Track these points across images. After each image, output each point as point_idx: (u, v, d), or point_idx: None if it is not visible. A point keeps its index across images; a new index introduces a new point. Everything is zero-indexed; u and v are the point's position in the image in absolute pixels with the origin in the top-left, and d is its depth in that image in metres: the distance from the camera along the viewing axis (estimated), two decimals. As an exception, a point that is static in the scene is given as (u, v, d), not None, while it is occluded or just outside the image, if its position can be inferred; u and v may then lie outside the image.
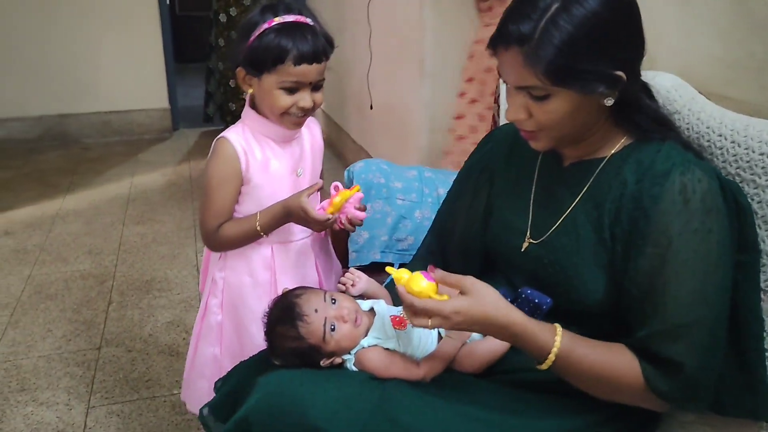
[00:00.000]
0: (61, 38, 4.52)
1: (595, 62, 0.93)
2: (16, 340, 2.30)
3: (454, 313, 0.95)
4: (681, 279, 0.94)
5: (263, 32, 1.27)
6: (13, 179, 3.97)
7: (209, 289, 1.49)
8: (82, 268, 2.84)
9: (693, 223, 0.94)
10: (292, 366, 1.08)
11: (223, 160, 1.35)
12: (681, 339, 0.94)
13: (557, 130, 1.01)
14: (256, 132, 1.38)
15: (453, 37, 2.63)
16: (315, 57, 1.28)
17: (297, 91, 1.30)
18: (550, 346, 0.97)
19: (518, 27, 0.93)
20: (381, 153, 3.40)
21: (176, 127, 5.06)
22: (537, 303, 1.07)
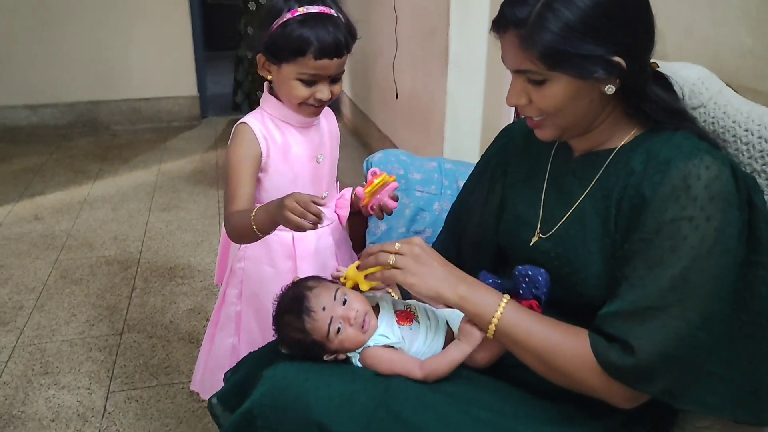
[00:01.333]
0: (92, 27, 4.57)
1: (591, 47, 0.91)
2: (41, 323, 2.34)
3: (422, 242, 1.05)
4: (665, 264, 0.90)
5: (286, 22, 1.26)
6: (44, 165, 4.04)
7: (227, 279, 1.49)
8: (108, 254, 2.88)
9: (690, 209, 0.89)
10: (297, 355, 1.08)
11: (243, 144, 1.34)
12: (646, 321, 0.90)
13: (560, 117, 1.00)
14: (275, 118, 1.37)
15: (478, 27, 2.59)
16: (336, 52, 1.27)
17: (315, 83, 1.30)
18: (495, 307, 0.99)
19: (514, 11, 0.94)
20: (405, 142, 3.37)
21: (204, 115, 5.09)
22: (531, 276, 1.05)
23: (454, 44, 2.64)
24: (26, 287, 2.59)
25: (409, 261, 1.03)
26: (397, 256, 1.03)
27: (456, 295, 1.01)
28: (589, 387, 0.95)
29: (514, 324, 0.98)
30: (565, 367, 0.96)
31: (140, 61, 4.76)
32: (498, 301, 1.00)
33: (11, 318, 2.37)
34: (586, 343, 0.94)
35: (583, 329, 0.96)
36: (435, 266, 1.03)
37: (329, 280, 1.16)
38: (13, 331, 2.29)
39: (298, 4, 1.27)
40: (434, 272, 1.03)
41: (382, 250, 1.05)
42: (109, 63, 4.69)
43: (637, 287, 0.91)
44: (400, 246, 1.04)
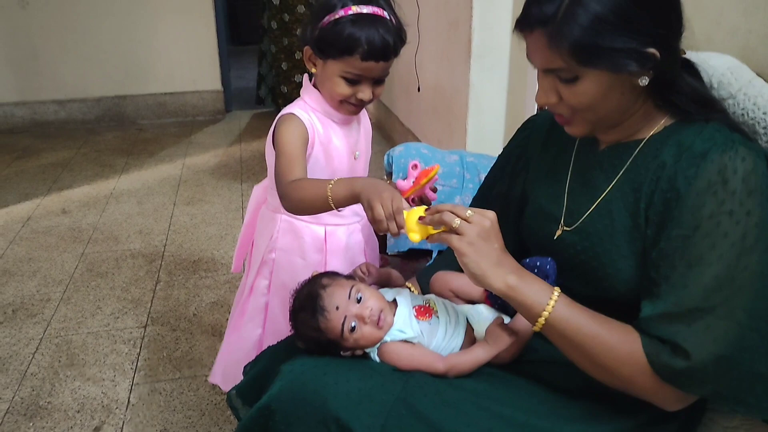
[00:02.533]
0: (119, 23, 4.62)
1: (623, 40, 0.88)
2: (68, 316, 2.37)
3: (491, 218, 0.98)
4: (706, 263, 0.87)
5: (338, 19, 1.25)
6: (72, 159, 4.10)
7: (258, 269, 1.49)
8: (133, 248, 2.91)
9: (729, 204, 0.86)
10: (314, 351, 1.07)
11: (292, 129, 1.33)
12: (695, 323, 0.86)
13: (591, 112, 0.96)
14: (316, 111, 1.38)
15: (502, 19, 2.56)
16: (383, 55, 1.26)
17: (358, 83, 1.30)
18: (546, 299, 0.94)
19: (541, 8, 0.90)
20: (428, 136, 3.35)
21: (229, 109, 5.12)
22: (539, 266, 1.04)
23: (477, 36, 2.61)
24: (53, 280, 2.63)
25: (474, 232, 0.95)
26: (463, 223, 0.96)
27: (504, 283, 0.95)
28: (636, 387, 0.92)
29: (565, 319, 0.94)
30: (613, 367, 0.92)
31: (166, 56, 4.80)
32: (549, 294, 0.95)
33: (39, 310, 2.41)
34: (638, 344, 0.91)
35: (633, 329, 0.92)
36: (494, 248, 0.96)
37: (345, 276, 1.15)
38: (40, 323, 2.32)
39: (353, 2, 1.26)
40: (490, 254, 0.96)
41: (452, 211, 0.97)
42: (135, 58, 4.74)
43: (679, 287, 0.88)
44: (472, 214, 0.97)
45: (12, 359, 2.13)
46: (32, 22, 4.47)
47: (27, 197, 3.48)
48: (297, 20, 4.72)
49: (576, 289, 1.05)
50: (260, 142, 4.36)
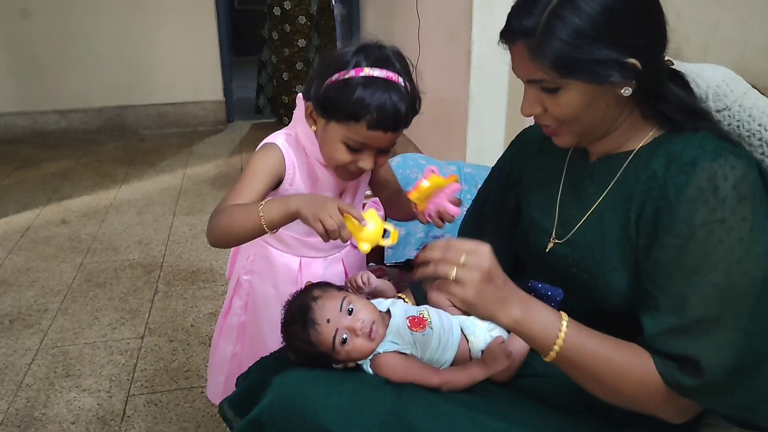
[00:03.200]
0: (121, 33, 4.64)
1: (603, 52, 0.89)
2: (65, 326, 2.37)
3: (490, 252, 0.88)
4: (703, 271, 0.86)
5: (348, 79, 1.13)
6: (72, 169, 4.11)
7: (234, 288, 1.46)
8: (132, 258, 2.90)
9: (721, 212, 0.86)
10: (306, 363, 1.06)
11: (267, 160, 1.24)
12: (702, 336, 0.85)
13: (577, 123, 0.97)
14: (304, 150, 1.27)
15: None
16: (392, 126, 1.14)
17: (360, 151, 1.18)
18: (556, 330, 0.90)
19: (521, 21, 0.91)
20: (428, 146, 3.35)
21: (230, 119, 5.14)
22: (549, 296, 1.02)
23: (476, 47, 2.62)
24: (51, 290, 2.62)
25: (475, 278, 0.87)
26: (460, 270, 0.88)
27: (511, 319, 0.90)
28: (647, 406, 0.91)
29: (577, 348, 0.90)
30: (627, 390, 0.90)
31: (167, 67, 4.82)
32: (558, 326, 0.90)
33: (36, 320, 2.40)
34: (650, 364, 0.89)
35: (642, 349, 0.90)
36: (498, 286, 0.90)
37: (337, 288, 1.14)
38: (37, 334, 2.32)
39: (366, 63, 1.14)
40: (495, 294, 0.89)
41: (444, 258, 0.89)
42: (137, 68, 4.76)
43: (678, 298, 0.87)
44: (467, 259, 0.88)
45: (8, 370, 2.12)
46: (34, 33, 4.49)
47: (27, 207, 3.48)
48: (298, 30, 4.74)
49: (570, 303, 1.05)
50: (261, 153, 4.36)
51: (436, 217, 1.18)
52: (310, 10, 4.73)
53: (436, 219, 1.18)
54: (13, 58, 4.52)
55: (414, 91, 1.19)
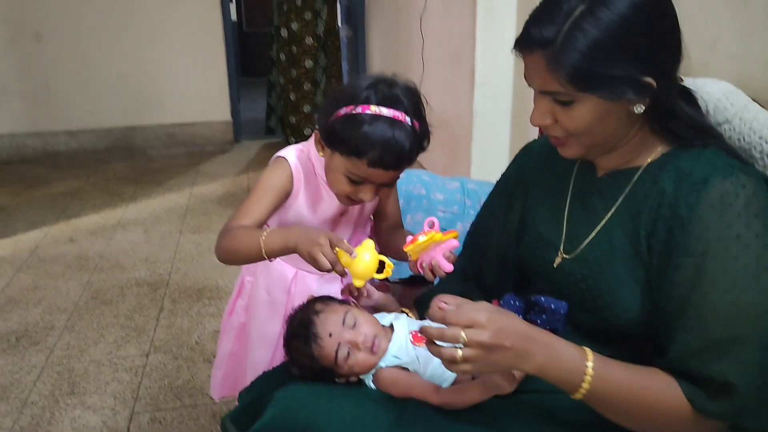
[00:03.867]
0: (130, 55, 4.71)
1: (621, 68, 0.88)
2: (71, 343, 2.37)
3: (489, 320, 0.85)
4: (720, 289, 0.85)
5: (354, 115, 1.15)
6: (81, 188, 4.14)
7: (238, 288, 1.49)
8: (138, 276, 2.91)
9: (735, 227, 0.86)
10: (308, 377, 1.06)
11: (276, 176, 1.28)
12: (726, 356, 0.85)
13: (586, 136, 0.96)
14: (316, 169, 1.30)
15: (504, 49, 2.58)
16: (394, 165, 1.16)
17: (362, 184, 1.20)
18: (582, 369, 0.88)
19: (541, 30, 0.89)
20: (433, 164, 3.36)
21: (237, 139, 5.18)
22: (553, 309, 1.01)
23: (480, 66, 2.64)
24: (58, 308, 2.63)
25: (480, 353, 0.87)
26: (465, 350, 0.87)
27: (533, 368, 0.89)
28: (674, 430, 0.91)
29: (604, 385, 0.89)
30: (657, 420, 0.90)
31: (176, 88, 4.87)
32: (583, 365, 0.89)
33: (42, 338, 2.41)
34: (678, 392, 0.88)
35: (668, 376, 0.89)
36: (508, 347, 0.87)
37: (339, 301, 1.14)
38: (43, 351, 2.32)
39: (375, 100, 1.15)
40: (506, 355, 0.87)
41: (442, 337, 0.88)
42: (145, 89, 4.82)
43: (697, 318, 0.87)
44: (466, 337, 0.86)
45: (13, 387, 2.12)
46: (46, 55, 4.56)
47: (35, 226, 3.51)
48: (305, 51, 4.79)
49: (578, 318, 1.04)
50: (268, 172, 4.39)
51: (428, 270, 1.14)
52: (317, 32, 4.79)
53: (427, 272, 1.14)
54: (25, 80, 4.59)
55: (423, 128, 1.19)
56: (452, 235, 1.12)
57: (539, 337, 0.90)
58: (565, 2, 0.89)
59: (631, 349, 0.99)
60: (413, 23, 3.38)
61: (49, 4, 4.48)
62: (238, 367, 1.50)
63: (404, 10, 3.68)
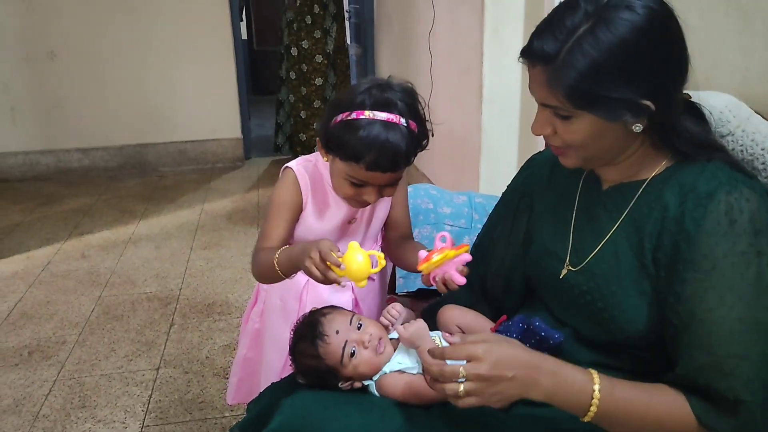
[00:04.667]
0: (142, 74, 4.78)
1: (620, 90, 0.89)
2: (82, 358, 2.39)
3: (486, 353, 0.87)
4: (727, 305, 0.87)
5: (349, 121, 1.17)
6: (93, 205, 4.19)
7: (256, 295, 1.53)
8: (149, 291, 2.94)
9: (740, 245, 0.87)
10: (314, 385, 1.07)
11: (285, 189, 1.32)
12: (733, 372, 0.86)
13: (584, 150, 0.98)
14: (323, 176, 1.34)
15: (512, 64, 2.60)
16: (391, 166, 1.18)
17: (363, 186, 1.23)
18: (590, 392, 0.89)
19: (542, 45, 0.90)
20: (441, 180, 3.38)
21: (248, 156, 5.22)
22: (543, 336, 1.01)
23: (488, 81, 2.66)
24: (70, 322, 2.66)
25: (481, 386, 0.88)
26: (466, 384, 0.88)
27: (541, 395, 0.90)
28: None
29: (612, 406, 0.90)
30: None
31: (187, 106, 4.93)
32: (591, 388, 0.89)
33: (54, 352, 2.43)
34: (686, 408, 0.89)
35: (675, 392, 0.91)
36: (511, 376, 0.88)
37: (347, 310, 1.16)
38: (54, 365, 2.34)
39: (370, 105, 1.17)
40: (509, 385, 0.89)
41: (443, 374, 0.89)
42: (157, 107, 4.88)
43: (704, 334, 0.88)
44: (465, 371, 0.88)
45: (25, 401, 2.14)
46: (59, 74, 4.63)
47: (48, 242, 3.55)
48: (315, 69, 4.85)
49: (583, 331, 1.05)
50: (277, 188, 4.42)
51: (440, 283, 1.14)
52: (327, 50, 4.84)
53: (440, 285, 1.15)
54: (39, 98, 4.66)
55: (420, 129, 1.21)
56: (464, 249, 1.14)
57: (545, 364, 0.90)
58: (569, 18, 0.89)
59: (637, 361, 1.00)
60: (421, 40, 3.41)
61: (62, 24, 4.56)
62: (253, 373, 1.53)
63: (412, 28, 3.72)
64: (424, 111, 1.24)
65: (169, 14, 4.70)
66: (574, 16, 0.89)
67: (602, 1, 0.88)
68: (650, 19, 0.88)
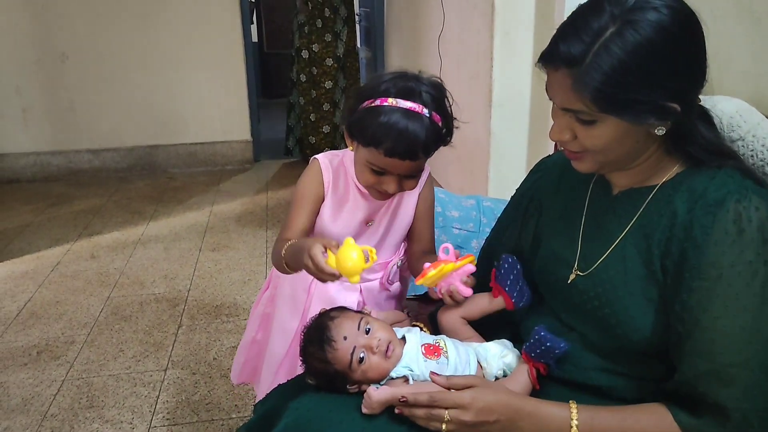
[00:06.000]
0: (152, 76, 4.81)
1: (647, 92, 0.87)
2: (90, 358, 2.40)
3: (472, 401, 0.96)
4: (731, 314, 0.86)
5: (373, 107, 1.19)
6: (103, 206, 4.21)
7: (268, 280, 1.55)
8: (157, 292, 2.95)
9: (747, 254, 0.86)
10: (322, 387, 1.07)
11: (308, 180, 1.34)
12: (733, 381, 0.86)
13: (603, 154, 0.96)
14: (348, 171, 1.34)
15: (521, 68, 2.60)
16: (409, 155, 1.18)
17: (384, 174, 1.23)
18: (567, 427, 0.94)
19: (568, 48, 0.88)
20: (451, 184, 3.38)
21: (257, 159, 5.24)
22: (548, 347, 1.02)
23: (497, 86, 2.66)
24: (79, 323, 2.67)
25: (464, 430, 0.97)
26: (447, 425, 0.97)
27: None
28: None
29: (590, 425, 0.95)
30: None
31: (197, 108, 4.95)
32: (568, 425, 0.95)
33: (63, 352, 2.45)
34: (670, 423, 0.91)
35: (664, 410, 0.92)
36: (490, 422, 0.96)
37: (354, 311, 1.16)
38: (63, 365, 2.35)
39: (394, 93, 1.19)
40: (495, 427, 0.97)
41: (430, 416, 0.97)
42: (167, 109, 4.91)
43: (707, 342, 0.88)
44: (450, 417, 0.96)
45: (34, 400, 2.15)
46: (70, 76, 4.67)
47: (58, 242, 3.57)
48: (325, 73, 4.86)
49: (590, 336, 1.05)
50: (287, 191, 4.44)
51: (446, 296, 1.17)
52: (337, 53, 4.86)
53: (446, 297, 1.17)
54: (51, 100, 4.70)
55: (446, 123, 1.22)
56: (468, 260, 1.13)
57: (525, 407, 0.97)
58: (595, 21, 0.88)
59: (644, 367, 1.00)
60: (431, 44, 3.42)
61: (74, 26, 4.59)
62: (259, 355, 1.55)
63: (422, 31, 3.72)
64: (451, 107, 1.25)
65: (180, 17, 4.73)
66: (600, 18, 0.87)
67: (628, 3, 0.87)
68: (675, 19, 0.87)
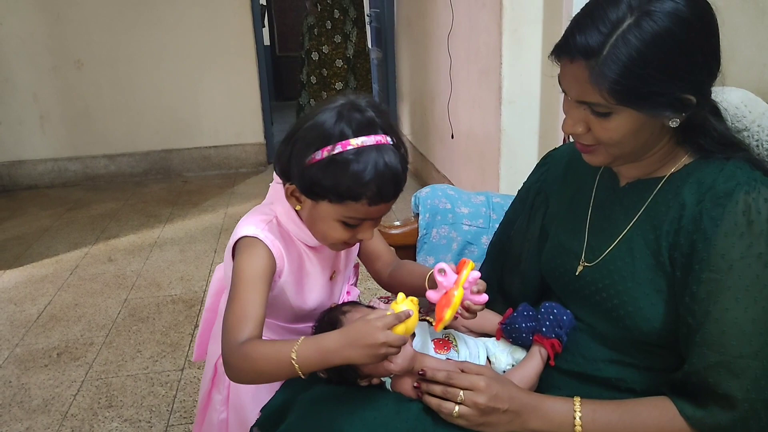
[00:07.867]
0: (166, 81, 4.86)
1: (665, 84, 0.87)
2: (109, 359, 2.44)
3: (487, 386, 0.98)
4: (741, 306, 0.87)
5: (333, 156, 0.99)
6: (120, 210, 4.26)
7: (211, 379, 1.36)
8: (174, 293, 2.99)
9: (757, 246, 0.87)
10: (333, 379, 1.08)
11: (256, 259, 1.08)
12: (744, 372, 0.86)
13: (617, 147, 0.95)
14: (287, 231, 1.14)
15: (531, 65, 2.61)
16: (395, 193, 1.03)
17: (359, 225, 1.07)
18: (571, 421, 0.96)
19: (585, 39, 0.87)
20: (462, 181, 3.39)
21: (271, 161, 5.27)
22: (556, 314, 1.04)
23: (507, 82, 2.66)
24: (97, 324, 2.72)
25: (474, 413, 0.97)
26: (461, 407, 0.97)
27: (527, 429, 0.99)
28: None
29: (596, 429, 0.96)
30: None
31: (211, 112, 5.00)
32: (571, 419, 0.97)
33: (82, 353, 2.49)
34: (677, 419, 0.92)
35: (664, 405, 0.94)
36: (503, 410, 0.97)
37: (365, 305, 1.17)
38: (82, 366, 2.39)
39: (351, 132, 1.00)
40: (501, 417, 0.98)
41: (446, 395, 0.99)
42: (182, 114, 4.96)
43: (717, 334, 0.88)
44: (464, 396, 0.97)
45: (54, 401, 2.19)
46: (86, 82, 4.74)
47: (76, 246, 3.63)
48: (335, 74, 4.89)
49: (599, 328, 1.06)
50: (300, 192, 4.47)
51: (464, 312, 1.06)
52: (347, 54, 4.88)
53: (464, 313, 1.06)
54: (67, 106, 4.77)
55: (399, 141, 1.06)
56: (469, 269, 1.03)
57: (529, 400, 0.99)
58: (612, 12, 0.86)
59: (652, 358, 1.00)
60: (441, 43, 3.43)
61: (89, 33, 4.66)
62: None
63: (432, 31, 3.73)
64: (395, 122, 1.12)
65: (192, 22, 4.78)
66: (618, 9, 0.86)
67: None
68: (693, 10, 0.86)
